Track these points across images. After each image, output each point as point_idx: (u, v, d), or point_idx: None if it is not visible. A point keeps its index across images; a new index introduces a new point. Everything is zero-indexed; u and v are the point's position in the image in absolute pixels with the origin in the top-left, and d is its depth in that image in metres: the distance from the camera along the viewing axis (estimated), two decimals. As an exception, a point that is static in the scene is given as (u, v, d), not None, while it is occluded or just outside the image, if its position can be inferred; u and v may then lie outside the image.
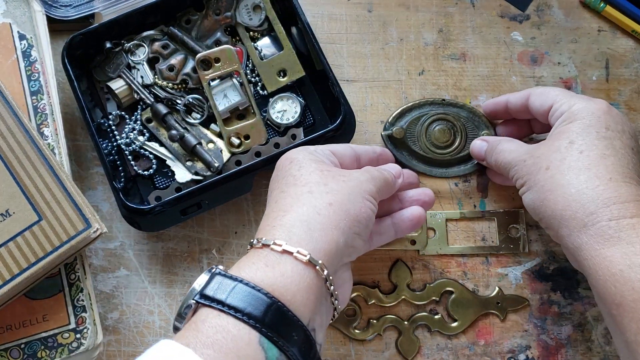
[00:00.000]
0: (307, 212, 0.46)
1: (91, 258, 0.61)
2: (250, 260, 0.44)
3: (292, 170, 0.50)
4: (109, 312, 0.61)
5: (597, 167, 0.49)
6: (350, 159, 0.54)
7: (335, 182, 0.48)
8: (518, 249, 0.62)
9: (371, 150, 0.57)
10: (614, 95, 0.67)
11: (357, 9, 0.68)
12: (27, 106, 0.57)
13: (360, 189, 0.49)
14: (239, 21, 0.64)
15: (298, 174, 0.49)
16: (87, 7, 0.63)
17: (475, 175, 0.64)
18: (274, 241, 0.44)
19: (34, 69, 0.58)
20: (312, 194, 0.47)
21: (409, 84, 0.66)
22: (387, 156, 0.60)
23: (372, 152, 0.57)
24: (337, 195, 0.47)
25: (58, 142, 0.57)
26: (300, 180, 0.48)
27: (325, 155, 0.52)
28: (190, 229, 0.62)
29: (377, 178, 0.51)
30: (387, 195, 0.54)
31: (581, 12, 0.69)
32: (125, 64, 0.62)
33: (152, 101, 0.62)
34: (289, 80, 0.63)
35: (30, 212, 0.51)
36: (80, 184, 0.62)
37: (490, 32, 0.68)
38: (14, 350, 0.53)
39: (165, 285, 0.61)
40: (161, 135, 0.62)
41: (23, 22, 0.59)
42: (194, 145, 0.61)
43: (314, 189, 0.47)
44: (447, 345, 0.61)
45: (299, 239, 0.44)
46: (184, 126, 0.62)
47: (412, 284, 0.62)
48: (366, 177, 0.50)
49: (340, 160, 0.53)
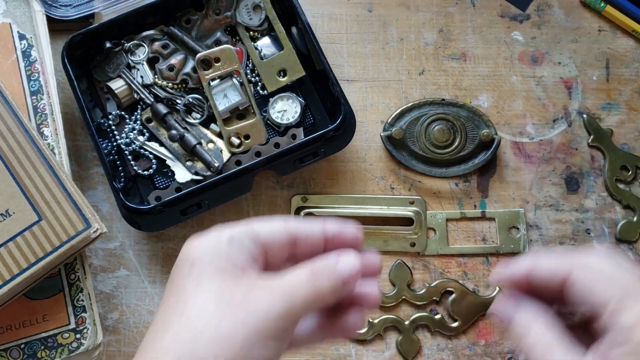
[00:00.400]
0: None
1: (91, 258, 0.61)
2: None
3: (186, 281, 0.37)
4: (109, 312, 0.60)
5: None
6: (281, 245, 0.38)
7: (231, 318, 0.35)
8: (518, 249, 0.62)
9: (317, 231, 0.39)
10: (614, 95, 0.67)
11: (357, 9, 0.68)
12: (27, 106, 0.57)
13: (266, 330, 0.35)
14: (239, 21, 0.64)
15: (189, 291, 0.36)
16: (87, 7, 0.63)
17: (475, 175, 0.64)
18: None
19: (34, 69, 0.58)
20: (194, 340, 0.34)
21: (409, 83, 0.66)
22: (343, 238, 0.39)
23: (317, 234, 0.39)
24: (228, 342, 0.34)
25: (58, 142, 0.57)
26: (188, 305, 0.36)
27: (242, 250, 0.37)
28: (190, 229, 0.62)
29: (309, 292, 0.36)
30: (325, 305, 0.38)
31: (581, 12, 0.68)
32: (125, 63, 0.62)
33: (152, 101, 0.62)
34: (289, 80, 0.63)
35: (30, 212, 0.51)
36: (80, 184, 0.62)
37: (491, 32, 0.68)
38: (14, 351, 0.53)
39: (165, 285, 0.61)
40: (161, 135, 0.62)
41: (23, 22, 0.59)
42: (194, 145, 0.60)
43: (200, 327, 0.35)
44: (447, 346, 0.61)
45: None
46: (184, 126, 0.62)
47: (412, 284, 0.62)
48: (284, 301, 0.35)
49: (266, 248, 0.38)
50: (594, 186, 0.64)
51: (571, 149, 0.65)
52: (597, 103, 0.66)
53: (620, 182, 0.64)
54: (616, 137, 0.65)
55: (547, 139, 0.65)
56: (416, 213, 0.62)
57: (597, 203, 0.64)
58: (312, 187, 0.64)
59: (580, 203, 0.64)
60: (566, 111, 0.66)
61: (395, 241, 0.62)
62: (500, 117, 0.66)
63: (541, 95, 0.66)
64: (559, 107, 0.66)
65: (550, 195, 0.64)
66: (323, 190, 0.64)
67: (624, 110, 0.66)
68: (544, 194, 0.64)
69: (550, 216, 0.64)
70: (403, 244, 0.62)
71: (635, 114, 0.66)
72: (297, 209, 0.63)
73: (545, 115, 0.66)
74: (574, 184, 0.65)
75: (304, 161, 0.60)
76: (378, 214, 0.62)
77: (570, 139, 0.65)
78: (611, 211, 0.64)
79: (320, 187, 0.64)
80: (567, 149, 0.65)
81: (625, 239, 0.63)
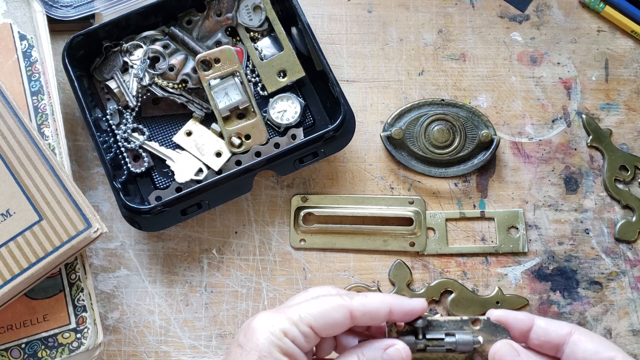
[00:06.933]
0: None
1: (91, 258, 0.61)
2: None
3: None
4: (109, 312, 0.61)
5: None
6: (337, 328, 0.43)
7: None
8: (517, 248, 0.62)
9: (383, 313, 0.43)
10: (613, 96, 0.67)
11: (357, 10, 0.68)
12: (27, 106, 0.57)
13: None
14: (240, 22, 0.64)
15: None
16: (87, 7, 0.63)
17: (474, 175, 0.65)
18: None
19: (35, 69, 0.58)
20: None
21: (408, 84, 0.67)
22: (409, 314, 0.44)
23: (380, 318, 0.43)
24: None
25: (58, 142, 0.57)
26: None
27: (297, 340, 0.42)
28: (190, 229, 0.62)
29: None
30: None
31: (581, 13, 0.69)
32: (120, 65, 0.62)
33: (135, 104, 0.62)
34: (289, 81, 0.63)
35: (30, 212, 0.51)
36: (80, 184, 0.62)
37: (490, 32, 0.68)
38: (15, 350, 0.54)
39: (165, 285, 0.61)
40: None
41: (24, 23, 0.59)
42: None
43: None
44: (446, 345, 0.61)
45: None
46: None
47: (411, 284, 0.62)
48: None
49: (322, 334, 0.43)
50: (593, 186, 0.65)
51: (570, 149, 0.65)
52: (596, 103, 0.67)
53: (619, 182, 0.65)
54: (615, 137, 0.66)
55: (546, 139, 0.66)
56: (416, 213, 0.63)
57: (596, 203, 0.64)
58: (312, 187, 0.64)
59: (579, 203, 0.64)
60: (565, 111, 0.66)
61: (395, 241, 0.62)
62: (500, 117, 0.66)
63: (540, 95, 0.67)
64: (558, 108, 0.66)
65: (549, 195, 0.64)
66: (323, 190, 0.64)
67: (622, 110, 0.66)
68: (543, 194, 0.64)
69: (550, 216, 0.64)
70: (402, 244, 0.62)
71: (634, 114, 0.66)
72: (297, 209, 0.63)
73: (545, 116, 0.66)
74: (573, 184, 0.65)
75: (304, 161, 0.60)
76: (377, 214, 0.63)
77: (569, 139, 0.66)
78: (610, 211, 0.64)
79: (320, 187, 0.64)
80: (566, 149, 0.65)
81: (624, 238, 0.63)
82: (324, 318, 0.42)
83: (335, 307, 0.42)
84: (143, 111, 0.63)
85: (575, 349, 0.44)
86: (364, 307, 0.43)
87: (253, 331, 0.42)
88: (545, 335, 0.45)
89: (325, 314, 0.42)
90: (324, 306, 0.42)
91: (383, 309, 0.43)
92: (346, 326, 0.43)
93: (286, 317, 0.42)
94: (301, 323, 0.42)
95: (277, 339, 0.41)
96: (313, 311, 0.42)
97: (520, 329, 0.45)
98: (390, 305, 0.43)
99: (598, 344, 0.44)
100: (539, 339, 0.45)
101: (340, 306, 0.42)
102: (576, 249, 0.63)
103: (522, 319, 0.45)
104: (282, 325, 0.42)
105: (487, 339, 0.45)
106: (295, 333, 0.42)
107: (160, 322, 0.61)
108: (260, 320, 0.42)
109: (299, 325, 0.42)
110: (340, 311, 0.42)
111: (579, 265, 0.63)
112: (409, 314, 0.44)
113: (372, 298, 0.43)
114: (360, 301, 0.43)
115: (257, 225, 0.63)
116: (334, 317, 0.42)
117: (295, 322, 0.42)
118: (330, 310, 0.42)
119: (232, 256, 0.62)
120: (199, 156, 0.61)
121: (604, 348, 0.43)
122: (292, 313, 0.42)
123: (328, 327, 0.42)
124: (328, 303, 0.42)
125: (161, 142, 0.63)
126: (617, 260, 0.63)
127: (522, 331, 0.45)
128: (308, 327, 0.42)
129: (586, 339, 0.44)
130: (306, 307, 0.42)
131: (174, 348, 0.60)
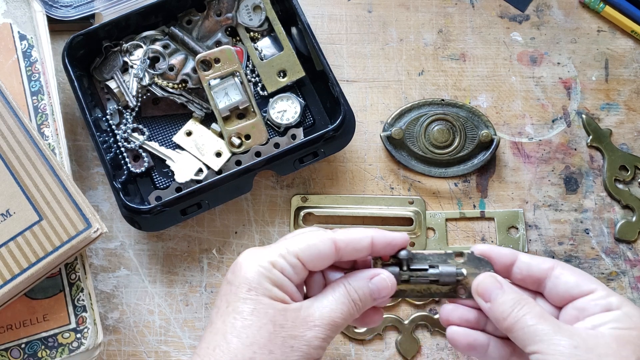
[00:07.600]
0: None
1: (91, 258, 0.61)
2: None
3: (234, 302, 0.43)
4: (109, 312, 0.61)
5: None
6: (324, 260, 0.44)
7: (280, 349, 0.41)
8: (518, 249, 0.62)
9: (366, 244, 0.45)
10: (613, 96, 0.67)
11: (357, 9, 0.68)
12: (27, 106, 0.57)
13: (311, 356, 0.42)
14: (240, 22, 0.64)
15: (236, 312, 0.42)
16: (87, 7, 0.63)
17: (474, 175, 0.65)
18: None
19: (35, 69, 0.58)
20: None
21: (408, 84, 0.67)
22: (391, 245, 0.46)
23: (365, 245, 0.45)
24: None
25: (58, 142, 0.57)
26: (234, 328, 0.42)
27: (285, 271, 0.43)
28: (190, 228, 0.62)
29: (346, 318, 0.43)
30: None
31: (581, 13, 0.69)
32: (120, 65, 0.62)
33: (135, 104, 0.62)
34: (289, 81, 0.63)
35: (30, 212, 0.51)
36: (80, 184, 0.62)
37: (490, 32, 0.68)
38: (15, 350, 0.54)
39: (165, 285, 0.61)
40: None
41: (23, 23, 0.59)
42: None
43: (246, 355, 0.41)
44: (447, 345, 0.61)
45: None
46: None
47: (411, 284, 0.62)
48: (325, 333, 0.42)
49: (309, 265, 0.44)
50: (593, 186, 0.65)
51: (570, 149, 0.65)
52: (596, 103, 0.67)
53: (619, 182, 0.65)
54: (615, 137, 0.66)
55: (546, 139, 0.66)
56: (416, 213, 0.63)
57: (596, 203, 0.64)
58: (312, 187, 0.64)
59: (579, 203, 0.64)
60: (565, 111, 0.66)
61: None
62: (500, 117, 0.66)
63: (540, 95, 0.67)
64: (558, 108, 0.66)
65: (549, 195, 0.64)
66: (323, 190, 0.64)
67: (622, 110, 0.66)
68: (543, 194, 0.64)
69: (549, 216, 0.64)
70: (402, 244, 0.62)
71: (634, 114, 0.66)
72: (297, 209, 0.63)
73: (544, 116, 0.66)
74: (573, 184, 0.65)
75: (304, 161, 0.60)
76: (377, 214, 0.63)
77: (569, 139, 0.66)
78: (610, 211, 0.64)
79: (320, 187, 0.64)
80: (566, 149, 0.65)
81: (624, 238, 0.63)
82: (309, 249, 0.43)
83: (320, 239, 0.44)
84: (143, 111, 0.63)
85: (557, 282, 0.44)
86: (347, 237, 0.44)
87: (240, 266, 0.43)
88: (527, 269, 0.45)
89: (311, 245, 0.43)
90: (309, 239, 0.44)
91: (365, 239, 0.44)
92: (332, 258, 0.44)
93: (273, 250, 0.43)
94: (288, 255, 0.43)
95: (265, 270, 0.42)
96: (299, 243, 0.44)
97: (504, 263, 0.46)
98: (372, 236, 0.44)
99: (579, 276, 0.44)
100: (521, 273, 0.46)
101: (325, 237, 0.44)
102: (576, 249, 0.63)
103: (506, 254, 0.46)
104: (269, 257, 0.43)
105: (471, 272, 0.46)
106: (284, 264, 0.43)
107: (160, 322, 0.61)
108: (247, 255, 0.44)
109: (287, 257, 0.43)
110: (325, 242, 0.44)
111: (579, 265, 0.63)
112: (391, 245, 0.45)
113: (354, 230, 0.45)
114: (343, 232, 0.45)
115: (257, 225, 0.63)
116: (320, 248, 0.43)
117: (283, 254, 0.43)
118: (315, 242, 0.44)
119: (232, 256, 0.62)
120: (199, 156, 0.62)
121: (585, 281, 0.44)
122: (278, 246, 0.44)
123: (314, 257, 0.43)
124: (313, 235, 0.44)
125: (161, 142, 0.63)
126: (617, 260, 0.63)
127: (506, 265, 0.46)
128: (295, 257, 0.43)
129: (568, 273, 0.44)
130: (292, 240, 0.44)
131: (173, 348, 0.60)
